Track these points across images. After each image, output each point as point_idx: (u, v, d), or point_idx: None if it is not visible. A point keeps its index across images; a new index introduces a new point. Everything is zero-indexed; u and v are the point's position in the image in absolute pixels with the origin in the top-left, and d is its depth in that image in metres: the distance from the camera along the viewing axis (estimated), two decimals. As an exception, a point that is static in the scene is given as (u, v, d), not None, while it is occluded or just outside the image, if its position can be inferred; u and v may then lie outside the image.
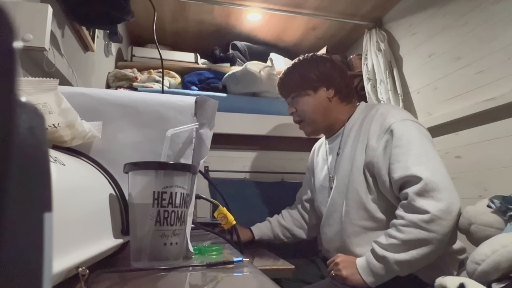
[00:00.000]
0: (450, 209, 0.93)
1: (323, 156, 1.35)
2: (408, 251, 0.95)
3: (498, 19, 1.36)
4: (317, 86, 1.24)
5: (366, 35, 2.07)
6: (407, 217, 0.96)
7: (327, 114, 1.25)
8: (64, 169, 0.43)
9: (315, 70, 1.25)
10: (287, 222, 1.45)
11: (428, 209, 0.93)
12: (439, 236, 0.93)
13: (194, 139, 0.67)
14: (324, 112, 1.25)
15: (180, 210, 0.54)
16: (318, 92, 1.24)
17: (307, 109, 1.26)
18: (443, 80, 1.63)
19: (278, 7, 1.99)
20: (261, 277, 0.51)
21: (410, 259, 0.94)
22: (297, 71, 1.28)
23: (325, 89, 1.24)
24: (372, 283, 1.00)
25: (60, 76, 1.07)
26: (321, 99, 1.24)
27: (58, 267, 0.33)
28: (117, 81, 1.86)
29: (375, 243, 1.01)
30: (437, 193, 0.94)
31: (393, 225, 1.00)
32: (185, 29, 2.26)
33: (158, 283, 0.47)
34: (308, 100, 1.25)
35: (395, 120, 1.07)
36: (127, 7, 1.12)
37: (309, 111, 1.26)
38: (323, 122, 1.27)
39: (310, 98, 1.25)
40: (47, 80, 0.46)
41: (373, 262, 1.00)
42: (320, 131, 1.34)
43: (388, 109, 1.15)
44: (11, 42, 0.14)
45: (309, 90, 1.25)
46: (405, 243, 0.95)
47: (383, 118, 1.10)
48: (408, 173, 0.98)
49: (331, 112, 1.25)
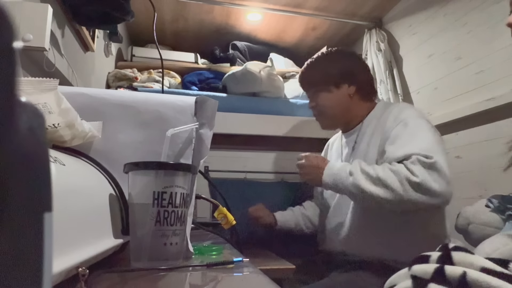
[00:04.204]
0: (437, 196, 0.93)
1: (337, 150, 1.36)
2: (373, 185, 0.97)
3: (498, 19, 1.36)
4: (339, 82, 1.25)
5: (366, 35, 2.07)
6: (398, 166, 0.97)
7: (346, 111, 1.26)
8: (64, 169, 0.43)
9: (338, 66, 1.26)
10: (309, 212, 1.47)
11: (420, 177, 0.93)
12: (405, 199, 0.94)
13: (194, 139, 0.67)
14: (344, 109, 1.26)
15: (180, 210, 0.54)
16: (340, 88, 1.25)
17: (327, 104, 1.27)
18: (443, 80, 1.63)
19: (278, 7, 1.99)
20: (261, 277, 0.51)
21: (367, 191, 0.97)
22: (320, 66, 1.28)
23: (347, 86, 1.25)
24: (326, 185, 1.08)
25: (60, 76, 1.07)
26: (342, 95, 1.25)
27: (58, 267, 0.33)
28: (117, 81, 1.86)
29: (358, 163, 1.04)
30: (437, 175, 0.94)
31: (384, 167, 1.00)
32: (185, 29, 2.26)
33: (158, 283, 0.47)
34: (329, 96, 1.26)
35: (411, 115, 1.09)
36: (127, 7, 1.12)
37: (329, 106, 1.27)
38: (342, 118, 1.28)
39: (332, 94, 1.26)
40: (47, 80, 0.46)
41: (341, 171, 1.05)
42: (337, 126, 1.35)
43: (406, 106, 1.17)
44: (11, 42, 0.14)
45: (331, 86, 1.26)
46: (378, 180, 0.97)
47: (399, 113, 1.12)
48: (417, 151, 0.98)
49: (350, 109, 1.26)
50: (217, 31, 2.28)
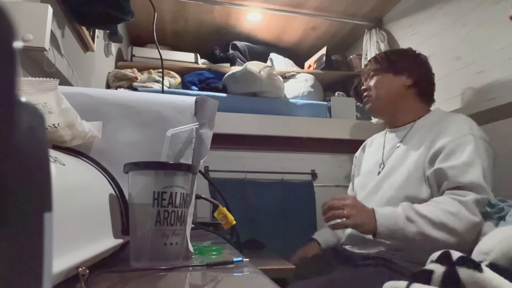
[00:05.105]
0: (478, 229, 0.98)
1: (379, 144, 1.35)
2: (438, 231, 0.96)
3: (498, 19, 1.36)
4: (399, 71, 1.26)
5: (366, 35, 2.07)
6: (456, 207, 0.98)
7: (396, 101, 1.26)
8: (64, 169, 0.43)
9: (406, 58, 1.29)
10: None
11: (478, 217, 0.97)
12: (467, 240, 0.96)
13: (194, 139, 0.67)
14: (395, 98, 1.26)
15: (180, 210, 0.54)
16: (397, 76, 1.26)
17: (380, 87, 1.28)
18: (443, 80, 1.63)
19: (278, 7, 1.99)
20: (261, 277, 0.51)
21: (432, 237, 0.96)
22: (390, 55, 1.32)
23: (405, 77, 1.26)
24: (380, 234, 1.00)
25: (60, 76, 1.07)
26: (398, 84, 1.26)
27: (58, 267, 0.33)
28: (117, 81, 1.86)
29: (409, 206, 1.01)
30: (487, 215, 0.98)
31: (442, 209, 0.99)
32: (185, 29, 2.26)
33: (158, 283, 0.47)
34: (384, 80, 1.28)
35: (472, 132, 1.09)
36: (127, 7, 1.12)
37: (380, 89, 1.28)
38: (389, 106, 1.28)
39: (387, 78, 1.27)
40: (47, 80, 0.46)
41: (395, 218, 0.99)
42: (381, 113, 1.35)
43: (469, 120, 1.16)
44: (11, 42, 0.14)
45: (389, 70, 1.27)
46: (442, 226, 0.96)
47: (462, 126, 1.12)
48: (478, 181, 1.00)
49: (401, 101, 1.26)
50: (217, 31, 2.28)
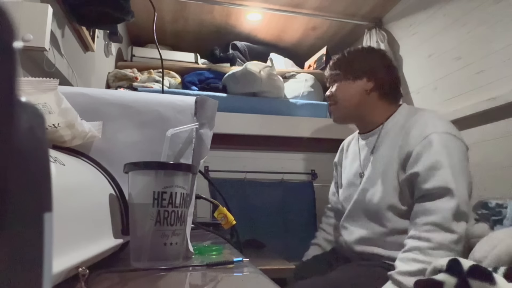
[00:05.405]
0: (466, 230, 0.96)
1: (354, 152, 1.32)
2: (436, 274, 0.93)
3: (498, 19, 1.36)
4: (357, 75, 1.22)
5: (366, 35, 2.07)
6: (436, 239, 0.93)
7: (360, 106, 1.23)
8: (64, 169, 0.43)
9: (362, 59, 1.24)
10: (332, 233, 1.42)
11: (458, 230, 0.93)
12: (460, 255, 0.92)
13: (194, 139, 0.67)
14: (358, 103, 1.22)
15: (180, 210, 0.54)
16: (356, 81, 1.22)
17: (341, 95, 1.24)
18: (443, 80, 1.63)
19: (278, 7, 1.99)
20: (261, 277, 0.51)
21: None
22: (347, 57, 1.27)
23: (365, 80, 1.22)
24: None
25: (60, 76, 1.07)
26: (358, 89, 1.22)
27: (58, 267, 0.33)
28: (117, 81, 1.86)
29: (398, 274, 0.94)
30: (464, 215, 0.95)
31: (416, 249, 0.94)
32: (185, 29, 2.26)
33: (158, 283, 0.47)
34: (344, 87, 1.24)
35: (436, 130, 1.05)
36: (127, 7, 1.12)
37: (342, 97, 1.24)
38: (354, 112, 1.25)
39: (347, 85, 1.23)
40: (47, 80, 0.46)
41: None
42: (348, 121, 1.32)
43: (431, 117, 1.12)
44: (11, 42, 0.14)
45: (348, 76, 1.23)
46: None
47: (425, 125, 1.08)
48: (444, 184, 0.96)
49: (365, 105, 1.22)
50: (217, 31, 2.28)
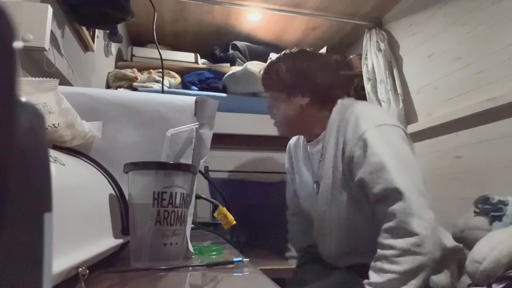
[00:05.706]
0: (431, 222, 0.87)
1: (305, 162, 1.24)
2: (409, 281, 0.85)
3: (498, 19, 1.36)
4: (291, 92, 1.13)
5: (366, 35, 2.07)
6: (398, 245, 0.87)
7: (301, 120, 1.15)
8: (64, 169, 0.43)
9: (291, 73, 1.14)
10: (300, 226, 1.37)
11: (417, 230, 0.85)
12: (433, 255, 0.87)
13: (194, 139, 0.67)
14: (298, 118, 1.14)
15: (180, 210, 0.54)
16: (291, 98, 1.13)
17: (279, 113, 1.17)
18: (443, 80, 1.63)
19: (278, 7, 1.99)
20: (261, 277, 0.51)
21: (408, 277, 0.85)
22: (275, 70, 1.17)
23: (300, 96, 1.12)
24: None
25: (60, 76, 1.07)
26: (295, 105, 1.13)
27: (58, 267, 0.33)
28: (117, 81, 1.86)
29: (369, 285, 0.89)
30: (421, 210, 0.87)
31: (382, 257, 0.89)
32: (185, 29, 2.26)
33: (158, 283, 0.47)
34: (281, 105, 1.16)
35: (368, 126, 0.98)
36: (127, 7, 1.12)
37: (281, 115, 1.16)
38: (297, 126, 1.18)
39: (283, 103, 1.15)
40: (47, 80, 0.46)
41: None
42: (294, 134, 1.29)
43: (361, 111, 1.04)
44: (11, 42, 0.14)
45: (282, 95, 1.14)
46: (405, 274, 0.85)
47: (356, 124, 1.00)
48: (389, 186, 0.89)
49: (305, 118, 1.14)
50: (217, 31, 2.28)
